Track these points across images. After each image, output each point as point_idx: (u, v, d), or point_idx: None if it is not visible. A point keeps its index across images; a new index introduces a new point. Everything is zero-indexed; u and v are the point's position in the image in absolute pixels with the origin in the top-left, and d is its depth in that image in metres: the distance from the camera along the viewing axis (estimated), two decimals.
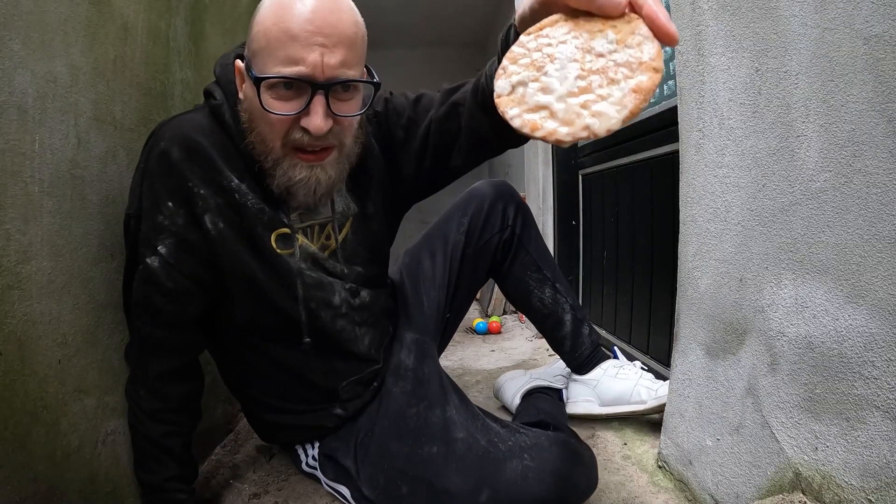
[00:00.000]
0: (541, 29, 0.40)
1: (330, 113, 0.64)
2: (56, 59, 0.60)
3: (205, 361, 1.00)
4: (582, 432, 1.08)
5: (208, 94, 0.73)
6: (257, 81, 0.62)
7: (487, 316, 2.16)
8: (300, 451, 0.90)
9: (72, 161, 0.63)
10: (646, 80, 0.36)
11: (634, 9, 0.39)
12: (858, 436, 0.55)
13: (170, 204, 0.68)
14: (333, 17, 0.62)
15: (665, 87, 1.27)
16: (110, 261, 0.71)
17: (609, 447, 1.03)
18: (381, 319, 0.89)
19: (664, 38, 0.38)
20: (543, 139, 0.37)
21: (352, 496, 0.81)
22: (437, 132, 0.79)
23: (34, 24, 0.57)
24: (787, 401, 0.64)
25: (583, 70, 0.37)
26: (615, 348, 1.17)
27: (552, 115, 0.37)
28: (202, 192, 0.68)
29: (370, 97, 0.70)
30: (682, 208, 0.87)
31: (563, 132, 0.37)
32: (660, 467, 0.93)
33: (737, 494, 0.72)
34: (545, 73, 0.38)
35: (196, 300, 0.74)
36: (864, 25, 0.52)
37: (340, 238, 0.81)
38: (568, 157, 1.93)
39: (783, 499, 0.62)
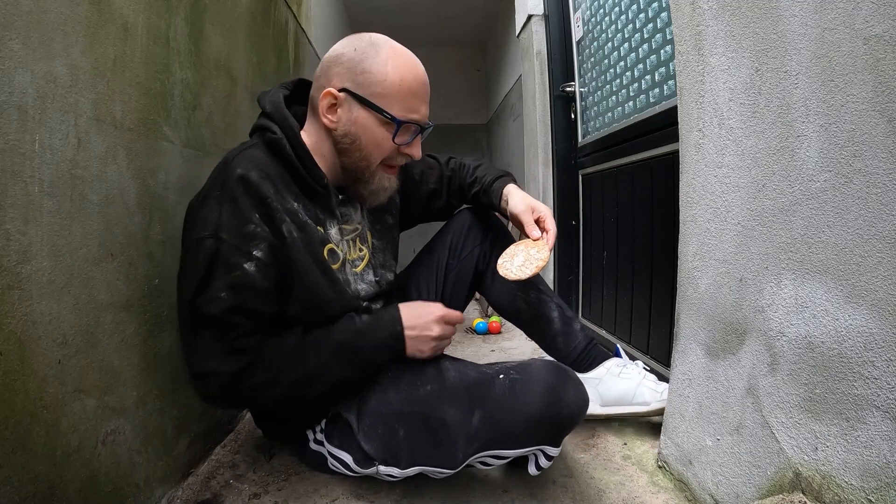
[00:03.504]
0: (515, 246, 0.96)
1: None
2: (56, 59, 0.60)
3: None
4: (582, 432, 1.09)
5: (263, 129, 0.84)
6: (400, 123, 0.81)
7: (487, 316, 2.16)
8: (308, 433, 0.90)
9: (72, 161, 0.63)
10: (533, 268, 0.88)
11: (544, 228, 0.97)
12: (858, 436, 0.55)
13: (256, 216, 0.76)
14: (427, 79, 0.85)
15: (665, 87, 1.27)
16: (110, 261, 0.71)
17: (609, 447, 1.03)
18: None
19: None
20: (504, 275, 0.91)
21: (353, 461, 0.83)
22: (450, 183, 1.11)
23: (34, 24, 0.57)
24: (787, 401, 0.64)
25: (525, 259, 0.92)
26: (618, 347, 1.16)
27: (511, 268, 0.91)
28: (278, 206, 0.77)
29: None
30: (682, 208, 0.87)
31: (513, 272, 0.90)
32: (660, 467, 0.93)
33: (737, 494, 0.72)
34: (512, 256, 0.94)
35: (277, 301, 0.80)
36: (864, 25, 0.52)
37: (370, 244, 0.95)
38: (568, 156, 1.93)
39: (783, 499, 0.62)
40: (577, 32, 1.85)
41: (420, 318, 0.86)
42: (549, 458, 0.81)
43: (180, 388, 0.90)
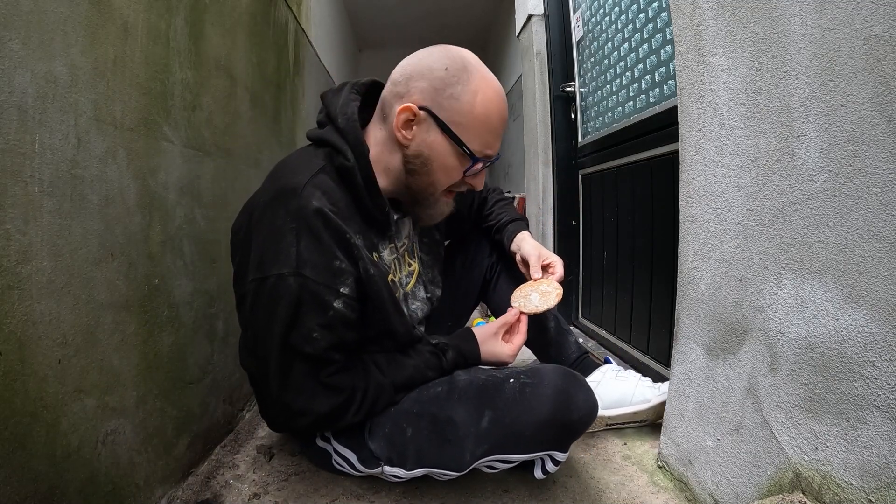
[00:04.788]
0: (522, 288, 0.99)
1: None
2: (56, 59, 0.60)
3: (204, 361, 1.00)
4: None
5: (334, 149, 0.80)
6: (476, 160, 0.80)
7: (487, 316, 2.16)
8: None
9: (72, 161, 0.63)
10: (554, 298, 0.94)
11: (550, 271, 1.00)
12: (858, 436, 0.55)
13: (339, 252, 0.75)
14: (507, 114, 0.83)
15: (665, 86, 1.27)
16: (110, 261, 0.71)
17: (609, 447, 1.03)
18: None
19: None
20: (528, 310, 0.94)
21: (358, 459, 0.84)
22: (478, 206, 1.15)
23: (34, 24, 0.57)
24: (787, 401, 0.64)
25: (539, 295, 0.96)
26: (608, 357, 1.17)
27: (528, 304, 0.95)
28: (357, 242, 0.78)
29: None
30: (682, 208, 0.87)
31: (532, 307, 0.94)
32: (660, 467, 0.93)
33: (737, 494, 0.72)
34: (526, 296, 0.97)
35: (360, 329, 0.81)
36: (864, 25, 0.52)
37: (419, 258, 0.98)
38: (568, 156, 1.93)
39: (783, 499, 0.62)
40: (577, 32, 1.85)
41: (495, 355, 0.91)
42: (556, 462, 0.81)
43: (180, 388, 0.90)
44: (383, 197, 0.82)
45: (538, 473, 0.82)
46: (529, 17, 2.04)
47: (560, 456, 0.80)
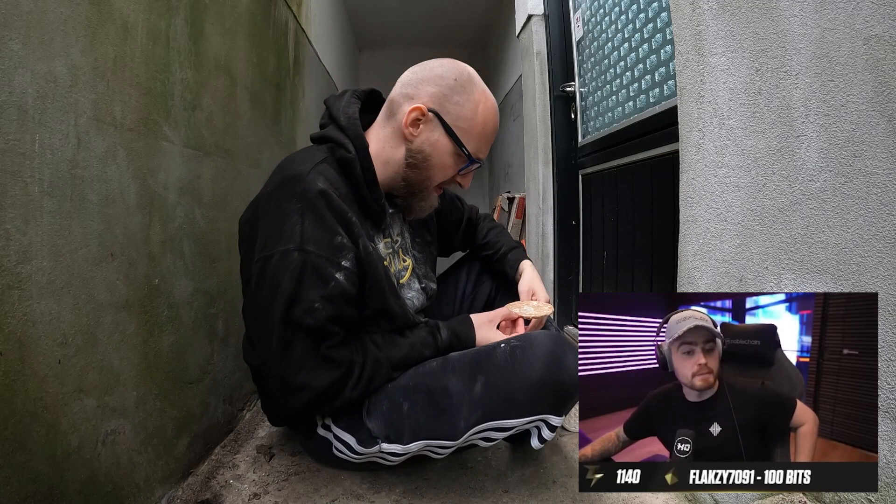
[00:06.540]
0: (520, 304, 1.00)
1: None
2: (56, 59, 0.60)
3: (204, 361, 1.00)
4: None
5: (336, 143, 0.85)
6: (472, 160, 0.88)
7: None
8: (317, 417, 0.91)
9: (72, 161, 0.63)
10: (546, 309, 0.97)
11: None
12: None
13: (340, 229, 0.80)
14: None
15: (665, 86, 1.27)
16: (110, 261, 0.71)
17: None
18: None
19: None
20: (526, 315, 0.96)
21: (357, 441, 0.84)
22: (466, 228, 1.20)
23: (34, 24, 0.57)
24: None
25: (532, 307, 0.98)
26: None
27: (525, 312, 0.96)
28: (356, 220, 0.82)
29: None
30: (682, 208, 0.87)
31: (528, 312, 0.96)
32: None
33: (737, 494, 0.72)
34: (520, 307, 0.98)
35: (359, 306, 0.84)
36: (864, 25, 0.52)
37: (413, 255, 1.01)
38: (568, 156, 1.93)
39: (783, 499, 0.62)
40: (577, 32, 1.85)
41: (490, 342, 0.91)
42: (551, 428, 0.81)
43: (180, 388, 0.90)
44: (380, 189, 0.87)
45: (535, 443, 0.82)
46: (529, 17, 2.04)
47: (555, 420, 0.80)
